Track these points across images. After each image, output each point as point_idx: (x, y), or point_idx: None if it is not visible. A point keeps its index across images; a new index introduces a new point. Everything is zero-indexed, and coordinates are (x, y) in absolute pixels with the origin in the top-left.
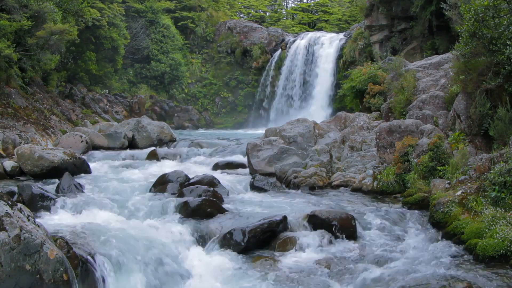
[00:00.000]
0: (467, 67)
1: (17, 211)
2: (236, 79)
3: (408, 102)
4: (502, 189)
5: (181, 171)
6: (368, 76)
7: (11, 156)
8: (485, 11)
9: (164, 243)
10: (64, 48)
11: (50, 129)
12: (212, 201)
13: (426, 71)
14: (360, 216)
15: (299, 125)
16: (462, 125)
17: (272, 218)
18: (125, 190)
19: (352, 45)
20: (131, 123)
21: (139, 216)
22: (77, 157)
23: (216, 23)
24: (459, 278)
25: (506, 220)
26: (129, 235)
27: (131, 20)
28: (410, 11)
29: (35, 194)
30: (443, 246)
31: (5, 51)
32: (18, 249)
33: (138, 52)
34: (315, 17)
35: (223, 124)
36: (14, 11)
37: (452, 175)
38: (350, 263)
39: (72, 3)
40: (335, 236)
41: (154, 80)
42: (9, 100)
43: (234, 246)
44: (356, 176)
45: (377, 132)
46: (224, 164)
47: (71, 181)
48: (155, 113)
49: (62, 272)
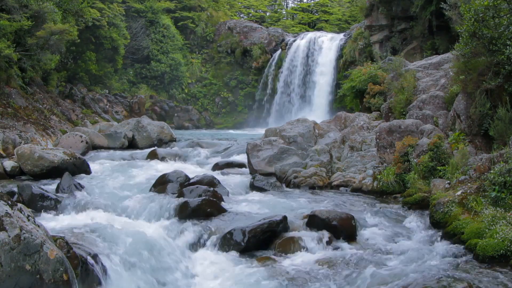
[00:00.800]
0: (467, 67)
1: (17, 211)
2: (236, 79)
3: (408, 102)
4: (502, 189)
5: (181, 171)
6: (368, 76)
7: (11, 156)
8: (485, 11)
9: (164, 243)
10: (64, 48)
11: (50, 129)
12: (212, 201)
13: (426, 71)
14: (360, 216)
15: (299, 125)
16: (462, 125)
17: (272, 218)
18: (125, 190)
19: (352, 45)
20: (131, 123)
21: (139, 216)
22: (77, 157)
23: (216, 23)
24: (459, 278)
25: (506, 220)
26: (129, 235)
27: (131, 20)
28: (410, 11)
29: (35, 194)
30: (443, 246)
31: (5, 51)
32: (18, 249)
33: (138, 52)
34: (315, 17)
35: (223, 124)
36: (14, 11)
37: (452, 175)
38: (350, 263)
39: (72, 3)
40: (335, 236)
41: (154, 80)
42: (9, 100)
43: (234, 246)
44: (356, 176)
45: (377, 132)
46: (224, 164)
47: (71, 181)
48: (155, 113)
49: (62, 272)
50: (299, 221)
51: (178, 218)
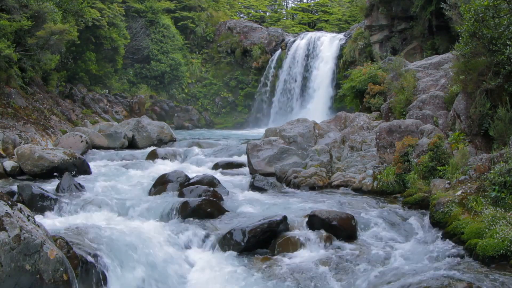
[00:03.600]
0: (467, 67)
1: (17, 211)
2: (236, 79)
3: (408, 102)
4: (502, 189)
5: (181, 171)
6: (368, 76)
7: (11, 156)
8: (485, 11)
9: (164, 243)
10: (64, 48)
11: (50, 129)
12: (212, 201)
13: (426, 71)
14: (360, 216)
15: (299, 125)
16: (462, 125)
17: (272, 218)
18: (125, 190)
19: (352, 45)
20: (131, 123)
21: (139, 216)
22: (77, 157)
23: (216, 23)
24: (459, 278)
25: (506, 220)
26: (129, 235)
27: (131, 20)
28: (410, 11)
29: (35, 194)
30: (443, 246)
31: (5, 51)
32: (18, 249)
33: (138, 52)
34: (315, 17)
35: (223, 124)
36: (14, 11)
37: (452, 175)
38: (350, 263)
39: (72, 3)
40: (335, 236)
41: (154, 80)
42: (9, 100)
43: (234, 246)
44: (356, 176)
45: (377, 132)
46: (224, 164)
47: (71, 181)
48: (155, 113)
49: (62, 272)
50: (299, 221)
51: (178, 218)
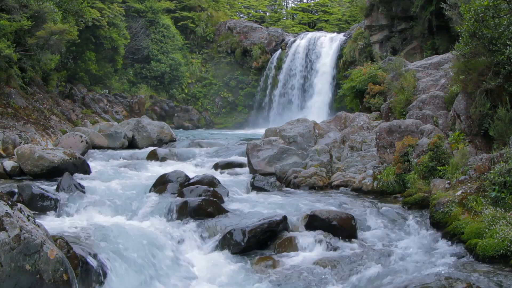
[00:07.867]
0: (467, 67)
1: (17, 211)
2: (236, 79)
3: (408, 102)
4: (502, 189)
5: (181, 171)
6: (368, 76)
7: (11, 156)
8: (485, 11)
9: (164, 243)
10: (64, 48)
11: (50, 129)
12: (212, 201)
13: (426, 71)
14: (360, 216)
15: (299, 125)
16: (462, 125)
17: (272, 218)
18: (125, 190)
19: (352, 45)
20: (131, 123)
21: (139, 216)
22: (77, 157)
23: (216, 23)
24: (459, 278)
25: (506, 220)
26: (129, 235)
27: (131, 20)
28: (410, 11)
29: (35, 194)
30: (443, 246)
31: (5, 51)
32: (18, 249)
33: (138, 52)
34: (315, 17)
35: (223, 124)
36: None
37: (452, 175)
38: (350, 263)
39: (72, 3)
40: (335, 236)
41: (154, 80)
42: (9, 100)
43: (234, 246)
44: (356, 176)
45: (377, 132)
46: (224, 164)
47: (71, 181)
48: (155, 113)
49: (62, 272)
50: (299, 221)
51: (178, 218)
